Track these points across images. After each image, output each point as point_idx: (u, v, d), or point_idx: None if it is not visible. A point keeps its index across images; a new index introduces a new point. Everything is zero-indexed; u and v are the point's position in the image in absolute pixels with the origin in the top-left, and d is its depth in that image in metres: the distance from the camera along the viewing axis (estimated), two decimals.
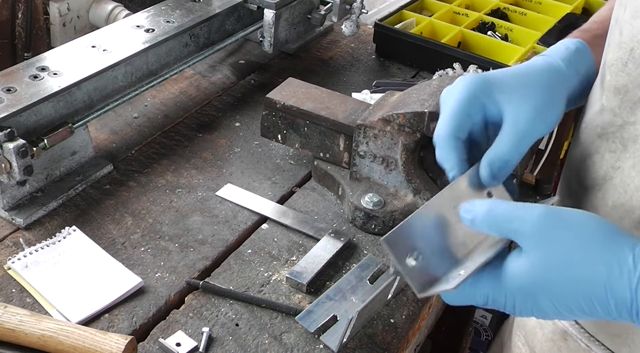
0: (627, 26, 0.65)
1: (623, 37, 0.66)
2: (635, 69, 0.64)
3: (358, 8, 1.44)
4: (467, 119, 0.68)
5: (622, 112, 0.68)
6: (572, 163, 0.79)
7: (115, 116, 1.23)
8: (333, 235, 0.99)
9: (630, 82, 0.66)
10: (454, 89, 0.70)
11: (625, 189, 0.68)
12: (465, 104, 0.68)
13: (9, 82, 1.01)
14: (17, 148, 0.92)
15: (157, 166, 1.13)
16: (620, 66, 0.66)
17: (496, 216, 0.60)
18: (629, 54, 0.65)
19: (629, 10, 0.65)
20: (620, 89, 0.67)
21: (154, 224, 1.01)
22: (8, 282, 0.89)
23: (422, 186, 1.00)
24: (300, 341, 0.85)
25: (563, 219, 0.58)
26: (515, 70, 0.71)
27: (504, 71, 0.71)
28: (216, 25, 1.30)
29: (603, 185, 0.71)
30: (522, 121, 0.67)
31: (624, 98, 0.67)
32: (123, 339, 0.77)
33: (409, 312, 0.91)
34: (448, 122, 0.68)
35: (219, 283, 0.91)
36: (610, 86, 0.69)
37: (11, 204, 0.99)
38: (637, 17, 0.63)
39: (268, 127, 1.13)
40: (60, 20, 1.50)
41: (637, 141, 0.66)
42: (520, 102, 0.68)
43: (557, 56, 0.74)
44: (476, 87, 0.69)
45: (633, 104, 0.66)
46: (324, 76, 1.43)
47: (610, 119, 0.70)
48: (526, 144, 0.67)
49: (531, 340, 0.91)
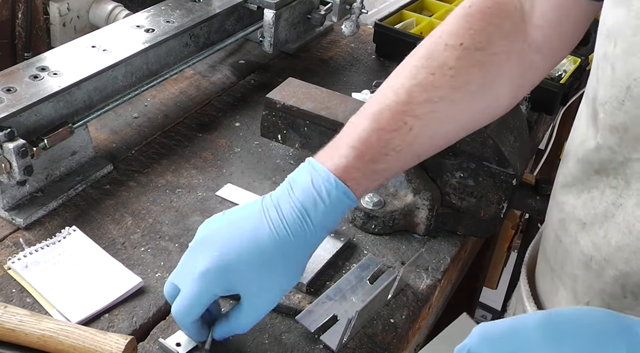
0: (620, 63, 0.62)
1: (617, 74, 0.63)
2: (635, 107, 0.62)
3: (358, 8, 1.44)
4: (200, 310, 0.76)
5: (623, 150, 0.65)
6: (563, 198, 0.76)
7: (115, 116, 1.23)
8: (333, 235, 0.99)
9: (629, 120, 0.63)
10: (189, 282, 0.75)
11: (630, 230, 0.65)
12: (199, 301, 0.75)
13: (9, 82, 1.01)
14: (17, 148, 0.92)
15: (157, 166, 1.13)
16: (617, 105, 0.64)
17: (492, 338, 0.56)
18: (626, 92, 0.62)
19: (621, 46, 0.62)
20: (618, 128, 0.64)
21: (154, 224, 1.01)
22: (8, 282, 0.89)
23: (422, 186, 0.99)
24: (300, 341, 0.85)
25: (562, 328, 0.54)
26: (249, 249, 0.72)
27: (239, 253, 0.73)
28: (216, 25, 1.30)
29: (604, 223, 0.68)
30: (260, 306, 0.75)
31: (624, 136, 0.64)
32: (123, 339, 0.77)
33: (409, 312, 0.91)
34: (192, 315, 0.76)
35: None
36: (606, 125, 0.66)
37: (11, 204, 0.99)
38: (632, 53, 0.61)
39: (268, 127, 1.13)
40: (60, 20, 1.50)
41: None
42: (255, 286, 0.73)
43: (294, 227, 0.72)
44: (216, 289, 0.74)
45: (635, 141, 0.63)
46: (324, 76, 1.43)
47: (609, 157, 0.67)
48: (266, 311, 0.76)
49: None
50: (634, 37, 0.60)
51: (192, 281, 0.73)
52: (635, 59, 0.61)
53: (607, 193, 0.68)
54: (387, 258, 0.99)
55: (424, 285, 0.95)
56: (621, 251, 0.67)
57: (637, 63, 0.60)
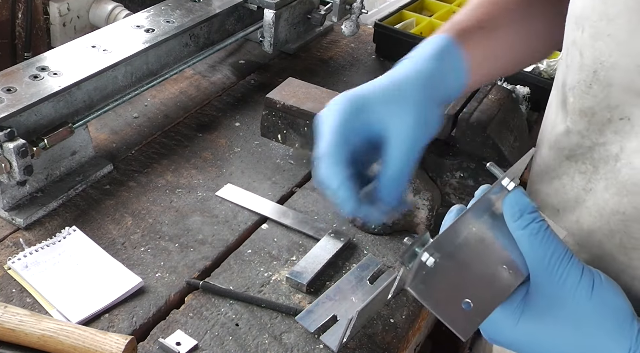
0: (587, 48, 0.64)
1: (585, 59, 0.64)
2: (601, 91, 0.63)
3: (358, 8, 1.45)
4: (344, 145, 0.69)
5: (591, 135, 0.66)
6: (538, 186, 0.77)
7: (115, 116, 1.23)
8: (333, 234, 0.99)
9: (596, 105, 0.65)
10: (328, 115, 0.71)
11: (600, 213, 0.66)
12: (342, 130, 0.69)
13: (9, 82, 1.01)
14: (17, 148, 0.92)
15: (157, 166, 1.13)
16: (585, 89, 0.65)
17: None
18: (593, 76, 0.64)
19: (588, 31, 0.63)
20: (586, 112, 0.66)
21: (154, 224, 1.01)
22: (8, 282, 0.89)
23: (422, 186, 0.99)
24: (300, 341, 0.85)
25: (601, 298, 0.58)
26: (385, 84, 0.72)
27: (375, 87, 0.72)
28: (216, 25, 1.30)
29: (576, 208, 0.70)
30: (404, 138, 0.69)
31: (592, 120, 0.66)
32: (123, 339, 0.77)
33: (409, 312, 0.91)
34: (328, 149, 0.69)
35: (219, 283, 0.91)
36: (575, 109, 0.68)
37: (11, 204, 0.99)
38: (598, 39, 0.62)
39: (268, 127, 1.13)
40: (60, 20, 1.50)
41: (609, 162, 0.65)
42: (400, 119, 0.69)
43: (425, 58, 0.73)
44: (350, 112, 0.70)
45: (602, 126, 0.65)
46: (324, 76, 1.43)
47: (578, 141, 0.68)
48: (413, 159, 0.70)
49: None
50: (600, 22, 0.61)
51: (330, 126, 0.70)
52: (601, 43, 0.62)
53: (577, 178, 0.69)
54: (387, 258, 0.99)
55: None
56: (593, 235, 0.68)
57: (603, 48, 0.62)
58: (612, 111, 0.63)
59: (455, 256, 0.61)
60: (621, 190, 0.64)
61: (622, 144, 0.63)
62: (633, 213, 0.63)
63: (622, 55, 0.60)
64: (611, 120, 0.64)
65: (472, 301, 0.59)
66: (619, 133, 0.63)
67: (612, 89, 0.62)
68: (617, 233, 0.65)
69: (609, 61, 0.61)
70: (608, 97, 0.63)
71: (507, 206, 0.61)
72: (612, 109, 0.63)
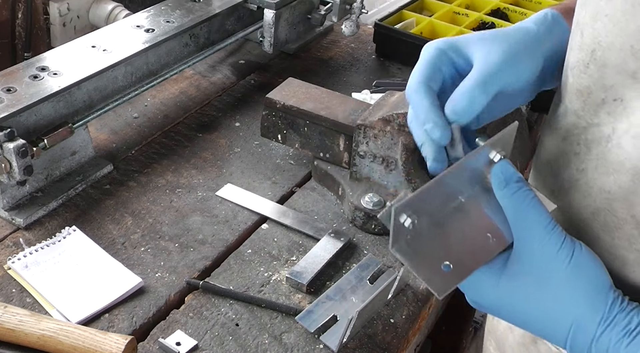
0: (587, 28, 0.65)
1: (584, 38, 0.66)
2: (597, 71, 0.64)
3: (358, 8, 1.45)
4: (437, 72, 0.69)
5: (586, 115, 0.67)
6: (539, 168, 0.78)
7: (115, 116, 1.23)
8: (333, 235, 0.99)
9: (592, 84, 0.65)
10: (422, 52, 0.71)
11: (589, 192, 0.68)
12: (435, 59, 0.69)
13: (9, 82, 1.01)
14: (17, 148, 0.92)
15: (157, 166, 1.13)
16: (582, 68, 0.66)
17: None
18: (591, 56, 0.65)
19: (589, 12, 0.65)
20: (582, 91, 0.67)
21: (154, 224, 1.01)
22: (8, 282, 0.89)
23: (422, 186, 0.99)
24: (300, 341, 0.85)
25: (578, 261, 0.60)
26: (482, 32, 0.72)
27: (471, 34, 0.72)
28: (216, 25, 1.30)
29: (569, 189, 0.71)
30: (489, 62, 0.67)
31: (587, 100, 0.67)
32: (123, 339, 0.77)
33: (409, 312, 0.91)
34: (418, 74, 0.69)
35: (219, 283, 0.91)
36: (573, 88, 0.69)
37: (11, 204, 0.99)
38: (597, 19, 0.63)
39: (268, 127, 1.13)
40: (60, 20, 1.50)
41: (601, 143, 0.66)
42: (489, 48, 0.69)
43: (529, 21, 0.74)
44: (444, 46, 0.70)
45: (596, 106, 0.66)
46: (324, 76, 1.43)
47: (574, 121, 0.69)
48: (492, 85, 0.67)
49: (502, 344, 0.91)
50: (600, 1, 0.62)
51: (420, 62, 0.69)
52: (600, 24, 0.63)
53: (572, 159, 0.70)
54: (387, 258, 0.99)
55: (424, 285, 0.95)
56: (580, 213, 0.69)
57: (601, 28, 0.63)
58: (607, 92, 0.64)
59: (438, 220, 0.63)
60: (608, 169, 0.65)
61: (614, 125, 0.64)
62: (617, 191, 0.64)
63: (617, 35, 0.61)
64: (605, 101, 0.64)
65: (451, 264, 0.61)
66: (612, 114, 0.64)
67: (607, 70, 0.63)
68: (602, 212, 0.66)
69: (606, 40, 0.62)
70: (603, 77, 0.64)
71: (494, 175, 0.63)
72: (607, 89, 0.64)
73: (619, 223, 0.65)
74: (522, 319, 0.64)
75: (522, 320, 0.64)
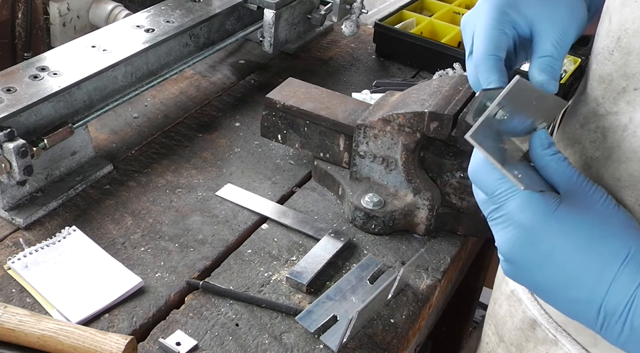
0: (616, 14, 0.65)
1: (612, 25, 0.66)
2: (621, 58, 0.64)
3: (358, 8, 1.44)
4: (503, 37, 0.67)
5: (605, 103, 0.67)
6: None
7: (115, 116, 1.23)
8: (333, 235, 0.99)
9: (615, 71, 0.65)
10: (479, 10, 0.69)
11: (599, 180, 0.67)
12: (498, 22, 0.67)
13: (9, 82, 1.01)
14: (17, 148, 0.92)
15: (157, 166, 1.13)
16: (607, 55, 0.66)
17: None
18: (616, 43, 0.65)
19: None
20: (604, 78, 0.67)
21: (154, 224, 1.01)
22: (8, 282, 0.89)
23: (422, 186, 1.00)
24: (300, 341, 0.85)
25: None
26: None
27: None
28: (216, 25, 1.30)
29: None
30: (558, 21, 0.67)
31: (608, 87, 0.67)
32: (123, 339, 0.77)
33: (409, 312, 0.91)
34: (485, 43, 0.67)
35: (219, 283, 0.91)
36: (595, 75, 0.69)
37: (11, 204, 0.99)
38: (626, 5, 0.63)
39: (268, 127, 1.13)
40: (60, 20, 1.50)
41: (617, 132, 0.66)
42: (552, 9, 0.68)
43: None
44: (503, 4, 0.68)
45: (617, 94, 0.66)
46: (324, 76, 1.43)
47: (593, 109, 0.69)
48: (567, 43, 0.67)
49: (501, 328, 0.92)
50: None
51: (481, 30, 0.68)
52: (628, 9, 0.63)
53: (587, 146, 0.70)
54: (387, 258, 0.99)
55: (424, 285, 0.95)
56: None
57: (628, 14, 0.63)
58: (629, 80, 0.64)
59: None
60: (621, 157, 0.65)
61: (631, 115, 0.64)
62: (628, 179, 0.65)
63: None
64: (626, 89, 0.64)
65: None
66: (631, 103, 0.64)
67: (631, 58, 0.63)
68: None
69: (632, 27, 0.62)
70: (626, 65, 0.63)
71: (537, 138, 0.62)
72: (628, 77, 0.64)
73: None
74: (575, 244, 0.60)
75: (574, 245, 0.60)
